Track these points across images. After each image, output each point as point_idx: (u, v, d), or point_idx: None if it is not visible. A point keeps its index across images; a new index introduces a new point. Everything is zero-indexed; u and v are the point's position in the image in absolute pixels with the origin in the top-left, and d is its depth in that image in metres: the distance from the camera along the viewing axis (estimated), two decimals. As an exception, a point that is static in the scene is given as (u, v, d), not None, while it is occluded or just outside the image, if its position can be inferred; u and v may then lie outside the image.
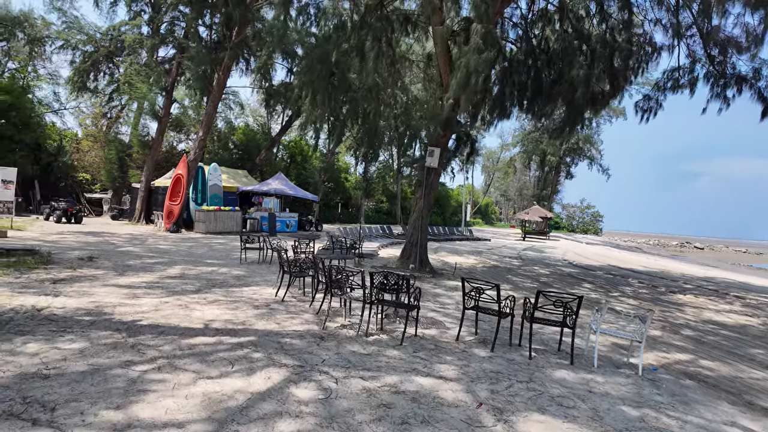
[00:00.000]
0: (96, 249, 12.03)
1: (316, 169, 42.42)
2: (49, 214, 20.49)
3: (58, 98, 40.10)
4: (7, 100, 23.62)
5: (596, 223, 73.95)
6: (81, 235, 15.65)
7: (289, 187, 23.64)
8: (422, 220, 11.84)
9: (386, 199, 54.18)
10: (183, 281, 8.40)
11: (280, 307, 6.71)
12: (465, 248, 21.75)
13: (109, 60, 25.65)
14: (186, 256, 12.18)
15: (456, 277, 11.68)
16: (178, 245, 14.55)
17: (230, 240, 17.38)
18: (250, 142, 34.22)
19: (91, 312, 5.52)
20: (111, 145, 27.84)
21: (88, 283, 7.42)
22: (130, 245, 13.66)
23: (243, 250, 11.71)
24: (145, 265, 10.06)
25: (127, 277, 8.39)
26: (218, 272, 9.86)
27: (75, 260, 9.83)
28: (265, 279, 9.46)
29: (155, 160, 24.32)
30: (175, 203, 19.63)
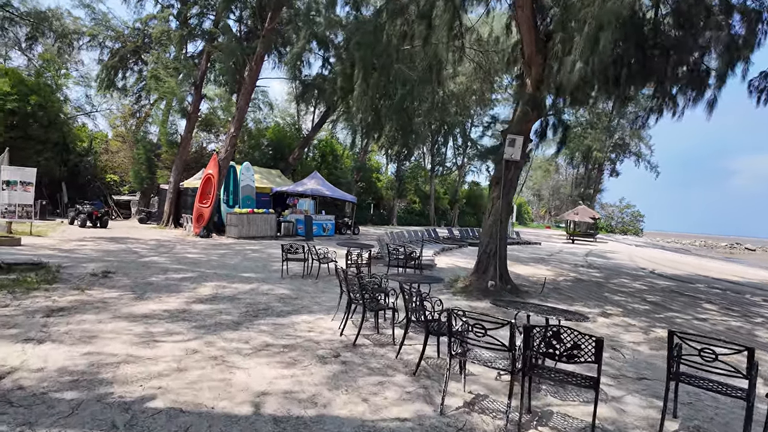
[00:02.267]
0: (115, 260, 10.31)
1: (349, 168, 40.57)
2: (74, 218, 19.19)
3: (90, 101, 39.72)
4: (35, 99, 22.59)
5: (636, 223, 69.79)
6: (103, 241, 14.09)
7: (326, 187, 21.76)
8: (501, 225, 9.62)
9: (418, 199, 51.96)
10: (217, 308, 6.46)
11: (355, 357, 4.64)
12: (522, 254, 19.34)
13: (136, 55, 24.42)
14: (218, 267, 10.33)
15: (546, 297, 9.42)
16: (208, 253, 12.78)
17: (265, 246, 15.56)
18: (281, 140, 32.61)
19: (81, 380, 3.57)
20: (139, 145, 26.62)
21: (92, 315, 5.55)
22: (155, 254, 11.94)
23: (285, 261, 9.76)
24: (169, 282, 8.21)
25: (146, 302, 6.51)
26: (259, 291, 7.91)
27: (86, 277, 8.05)
28: (317, 301, 7.45)
29: (184, 160, 22.85)
30: (205, 206, 17.98)
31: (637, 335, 6.77)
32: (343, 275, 5.69)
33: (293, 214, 21.20)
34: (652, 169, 54.87)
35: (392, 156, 47.01)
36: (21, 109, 22.21)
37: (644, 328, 7.23)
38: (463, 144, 53.87)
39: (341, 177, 38.26)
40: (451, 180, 57.33)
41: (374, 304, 5.30)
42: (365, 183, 42.72)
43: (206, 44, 21.81)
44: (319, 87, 22.11)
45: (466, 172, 57.04)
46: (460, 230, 23.41)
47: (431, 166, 50.37)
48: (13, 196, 14.32)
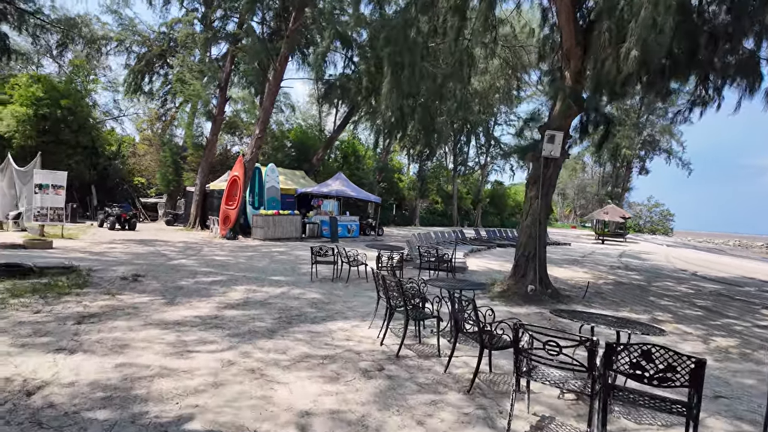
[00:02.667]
0: (144, 263, 10.23)
1: (371, 169, 40.33)
2: (103, 221, 19.44)
3: (117, 105, 40.58)
4: (66, 103, 23.05)
5: (666, 222, 67.52)
6: (132, 244, 14.14)
7: (350, 188, 21.52)
8: (540, 226, 9.14)
9: (441, 199, 51.36)
10: (249, 313, 6.21)
11: (400, 370, 4.30)
12: (554, 255, 18.67)
13: (162, 59, 24.70)
14: (247, 270, 10.14)
15: (590, 302, 8.90)
16: (236, 256, 12.64)
17: (291, 247, 15.39)
18: (304, 142, 32.59)
19: (114, 396, 3.32)
20: (165, 148, 26.93)
21: (123, 322, 5.36)
22: (184, 257, 11.86)
23: (314, 264, 9.49)
24: (199, 286, 8.03)
25: (177, 307, 6.31)
26: (289, 295, 7.66)
27: (117, 280, 7.94)
28: (350, 306, 7.14)
29: (210, 162, 22.96)
30: (231, 207, 17.94)
31: (696, 345, 6.24)
32: (382, 281, 5.34)
33: (318, 215, 21.03)
34: (684, 166, 52.96)
35: (414, 156, 46.57)
36: (52, 114, 22.69)
37: (702, 337, 6.68)
38: (486, 143, 53.07)
39: (363, 178, 38.06)
40: (473, 179, 56.55)
41: (418, 313, 4.94)
42: (387, 183, 42.41)
43: (230, 46, 21.87)
44: (343, 87, 21.89)
45: (488, 171, 56.21)
46: (487, 231, 22.86)
47: (454, 166, 49.75)
48: (45, 200, 14.50)
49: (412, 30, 10.15)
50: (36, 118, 22.16)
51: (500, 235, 23.28)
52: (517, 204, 63.55)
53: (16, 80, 23.11)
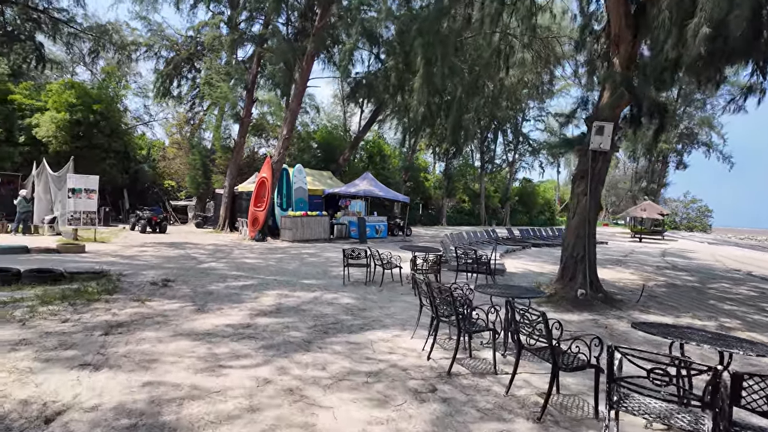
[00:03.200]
0: (175, 267, 10.05)
1: (396, 168, 39.84)
2: (135, 224, 19.62)
3: (147, 111, 41.42)
4: (98, 108, 23.46)
5: (703, 219, 64.48)
6: (163, 247, 14.09)
7: (378, 187, 21.10)
8: (589, 226, 8.47)
9: (468, 198, 50.40)
10: (282, 321, 5.83)
11: (455, 391, 3.80)
12: (593, 255, 17.76)
13: (189, 63, 24.90)
14: (277, 273, 9.83)
15: (646, 307, 8.18)
16: (266, 258, 12.39)
17: (320, 249, 15.08)
18: (330, 142, 32.40)
19: (139, 424, 2.95)
20: (194, 151, 27.16)
21: (152, 332, 5.05)
22: (213, 260, 11.67)
23: (346, 267, 9.08)
24: (230, 290, 7.72)
25: (208, 315, 5.99)
26: (322, 301, 7.26)
27: (147, 286, 7.72)
28: (387, 313, 6.69)
29: (238, 165, 22.96)
30: (260, 209, 17.79)
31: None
32: (427, 288, 4.86)
33: (346, 216, 20.71)
34: (725, 159, 50.32)
35: (440, 154, 45.86)
36: (86, 120, 23.11)
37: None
38: (513, 139, 51.84)
39: (389, 177, 37.63)
40: (501, 177, 55.36)
41: (471, 325, 4.44)
42: (413, 183, 41.84)
43: (256, 48, 21.78)
44: (370, 84, 21.50)
45: (517, 168, 54.89)
46: (521, 230, 22.04)
47: (481, 164, 48.76)
48: (78, 204, 14.63)
49: (445, 20, 9.64)
50: (70, 123, 22.60)
51: (534, 234, 22.42)
52: (546, 202, 61.96)
53: (51, 87, 23.65)
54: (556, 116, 52.90)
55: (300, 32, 21.87)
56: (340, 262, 12.11)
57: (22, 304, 6.01)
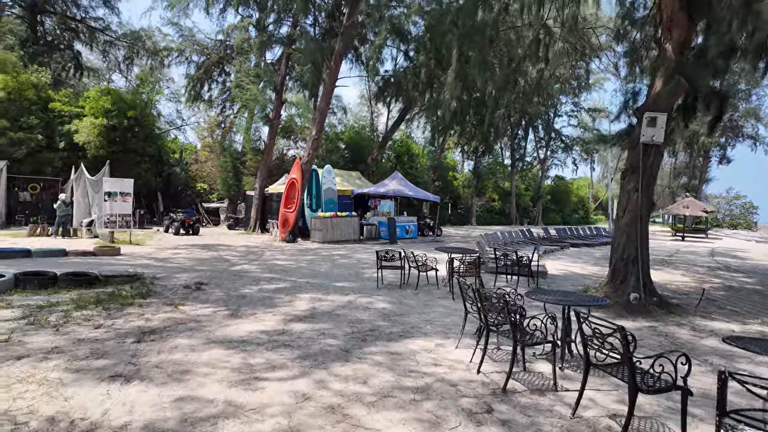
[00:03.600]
0: (207, 269, 9.97)
1: (425, 168, 39.31)
2: (168, 226, 19.92)
3: (180, 115, 42.37)
4: (132, 113, 24.00)
5: (748, 215, 60.96)
6: (196, 249, 14.15)
7: (408, 187, 20.72)
8: (641, 225, 7.85)
9: (498, 197, 49.32)
10: (318, 327, 5.56)
11: (514, 412, 3.40)
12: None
13: (219, 66, 25.18)
14: (309, 276, 9.60)
15: (707, 313, 7.51)
16: (297, 260, 12.22)
17: (350, 250, 14.84)
18: (358, 143, 32.24)
19: (171, 446, 2.69)
20: (225, 153, 27.48)
21: (185, 339, 4.85)
22: (246, 261, 11.57)
23: (380, 269, 8.76)
24: (263, 294, 7.53)
25: (241, 321, 5.77)
26: (357, 305, 6.96)
27: (180, 289, 7.61)
28: (426, 319, 6.32)
29: (268, 166, 23.06)
30: (290, 210, 17.72)
31: None
32: (476, 295, 4.47)
33: (375, 216, 20.44)
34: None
35: (470, 152, 45.06)
36: (121, 125, 23.68)
37: None
38: (545, 136, 50.45)
39: (417, 177, 37.16)
40: (531, 175, 54.00)
41: (526, 336, 4.03)
42: (441, 182, 41.21)
43: (285, 49, 21.80)
44: (398, 83, 21.18)
45: (548, 166, 53.38)
46: (557, 229, 21.24)
47: (511, 161, 47.63)
48: (113, 207, 14.87)
49: (482, 10, 9.20)
50: (107, 128, 23.21)
51: (571, 233, 21.57)
52: (580, 200, 60.04)
53: (88, 94, 24.36)
54: (589, 111, 51.28)
55: (327, 32, 21.78)
56: (372, 263, 11.86)
57: (57, 309, 5.95)
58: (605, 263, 13.31)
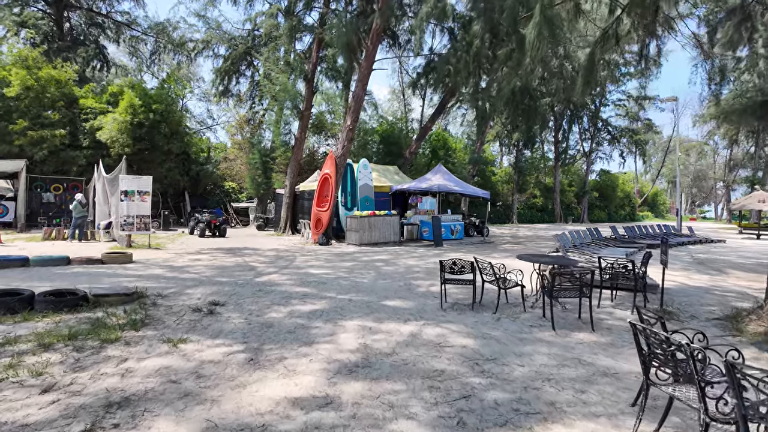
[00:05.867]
0: (228, 281, 8.19)
1: (463, 163, 36.88)
2: (193, 228, 18.50)
3: (210, 115, 41.54)
4: (158, 108, 22.80)
5: (815, 211, 55.17)
6: (219, 253, 12.50)
7: (453, 182, 18.56)
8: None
9: (539, 193, 46.29)
10: (381, 389, 3.58)
11: None
12: (735, 257, 14.18)
13: (247, 58, 23.70)
14: (351, 290, 7.67)
15: None
16: (334, 267, 10.33)
17: (393, 255, 12.86)
18: (391, 135, 30.18)
19: None
20: (254, 150, 26.00)
21: (171, 422, 2.96)
22: (274, 269, 9.77)
23: (444, 284, 6.72)
24: (295, 320, 5.62)
25: (264, 373, 3.86)
26: (424, 339, 4.95)
27: (188, 313, 5.80)
28: (536, 369, 4.24)
29: (299, 162, 21.38)
30: (323, 209, 15.92)
31: None
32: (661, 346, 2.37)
33: (417, 215, 18.39)
34: None
35: (511, 145, 42.36)
36: (146, 121, 22.53)
37: None
38: (591, 127, 47.09)
39: (455, 172, 34.78)
40: (574, 170, 50.67)
41: None
42: (480, 177, 38.69)
43: (315, 33, 20.03)
44: (439, 66, 19.02)
45: (593, 159, 49.85)
46: (626, 228, 18.62)
47: (555, 154, 44.57)
48: (130, 207, 13.41)
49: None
50: (132, 125, 22.08)
51: (640, 232, 18.90)
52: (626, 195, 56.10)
53: (112, 88, 23.32)
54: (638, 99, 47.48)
55: (361, 13, 19.88)
56: (423, 272, 9.82)
57: (9, 350, 4.21)
58: (711, 270, 10.82)
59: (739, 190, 59.75)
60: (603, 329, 5.65)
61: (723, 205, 66.38)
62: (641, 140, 48.98)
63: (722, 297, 7.61)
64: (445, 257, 7.11)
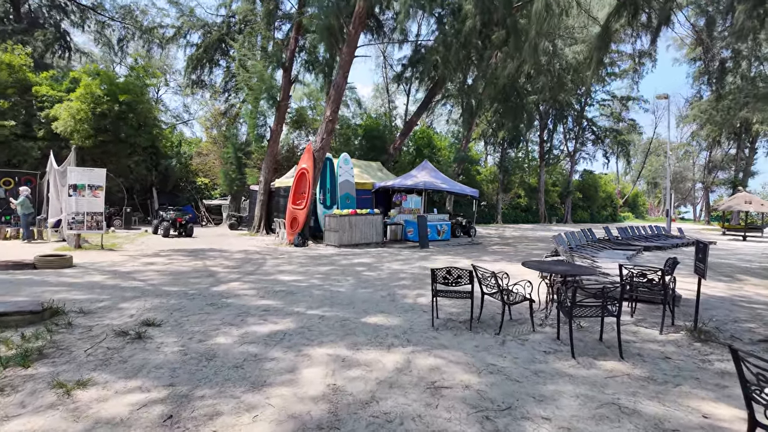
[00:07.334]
0: (177, 291, 6.86)
1: (448, 161, 35.89)
2: (157, 227, 16.97)
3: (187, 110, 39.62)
4: (125, 97, 21.10)
5: (784, 213, 55.97)
6: (179, 256, 11.11)
7: (441, 179, 17.44)
8: None
9: (524, 193, 45.74)
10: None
11: None
12: (736, 260, 13.40)
13: (221, 46, 22.19)
14: (324, 302, 6.43)
15: None
16: (307, 273, 9.07)
17: (376, 257, 11.65)
18: (375, 131, 28.92)
19: None
20: (228, 143, 24.43)
21: None
22: (237, 276, 8.46)
23: (435, 297, 5.54)
24: (246, 349, 4.36)
25: (179, 447, 2.62)
26: (415, 374, 3.77)
27: (109, 338, 4.50)
28: (566, 422, 3.09)
29: (274, 156, 19.98)
30: (299, 207, 14.62)
31: None
32: None
33: (401, 214, 17.22)
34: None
35: (497, 143, 41.61)
36: (111, 112, 20.83)
37: None
38: (575, 127, 46.72)
39: (440, 170, 33.79)
40: (558, 170, 50.38)
41: None
42: (465, 176, 37.78)
43: (294, 18, 18.66)
44: (428, 57, 17.88)
45: (577, 160, 49.51)
46: (619, 229, 17.77)
47: (540, 154, 44.02)
48: (80, 203, 11.89)
49: None
50: (95, 115, 20.34)
51: (633, 233, 18.11)
52: (608, 195, 56.08)
53: (73, 74, 21.50)
54: (622, 99, 47.32)
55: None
56: (409, 278, 8.65)
57: None
58: (722, 276, 9.83)
59: (717, 191, 60.42)
60: (632, 356, 4.56)
61: (702, 206, 67.02)
62: (625, 140, 48.85)
63: (752, 310, 6.63)
64: (433, 260, 5.93)
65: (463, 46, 14.86)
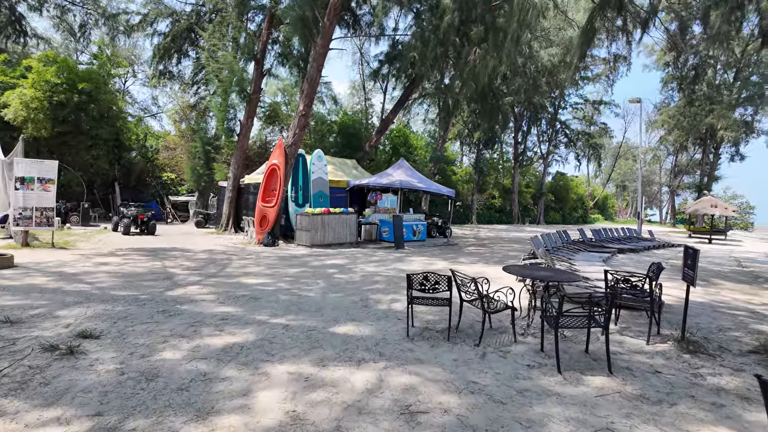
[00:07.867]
0: (127, 296, 6.21)
1: (424, 161, 35.67)
2: (117, 224, 15.98)
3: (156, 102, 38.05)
4: (85, 86, 19.89)
5: (745, 216, 58.55)
6: (137, 256, 10.34)
7: (416, 178, 17.06)
8: None
9: (498, 194, 46.11)
10: None
11: None
12: (709, 264, 13.50)
13: (189, 34, 21.19)
14: (290, 310, 5.91)
15: None
16: (275, 275, 8.50)
17: (349, 258, 11.15)
18: (351, 128, 28.33)
19: None
20: (196, 137, 23.40)
21: None
22: (197, 278, 7.83)
23: (411, 304, 5.10)
24: (196, 367, 3.82)
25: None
26: (388, 397, 3.32)
27: (35, 352, 3.87)
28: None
29: (244, 151, 19.19)
30: (269, 205, 13.97)
31: None
32: None
33: (376, 213, 16.77)
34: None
35: (472, 144, 41.66)
36: (70, 101, 19.61)
37: None
38: (549, 129, 47.36)
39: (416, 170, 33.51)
40: (532, 171, 51.07)
41: None
42: (441, 176, 37.66)
43: (268, 8, 17.91)
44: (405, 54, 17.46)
45: (549, 162, 50.19)
46: (593, 231, 17.80)
47: (515, 155, 44.42)
48: (28, 198, 10.95)
49: None
50: (52, 105, 19.08)
51: (607, 235, 18.19)
52: (579, 197, 57.19)
53: (28, 62, 20.15)
54: (594, 104, 48.28)
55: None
56: (383, 281, 8.20)
57: None
58: (698, 280, 9.72)
59: (682, 195, 62.35)
60: (621, 370, 4.24)
61: (668, 209, 69.13)
62: (596, 144, 49.84)
63: (734, 317, 6.46)
64: (408, 262, 5.50)
65: (441, 42, 14.50)
